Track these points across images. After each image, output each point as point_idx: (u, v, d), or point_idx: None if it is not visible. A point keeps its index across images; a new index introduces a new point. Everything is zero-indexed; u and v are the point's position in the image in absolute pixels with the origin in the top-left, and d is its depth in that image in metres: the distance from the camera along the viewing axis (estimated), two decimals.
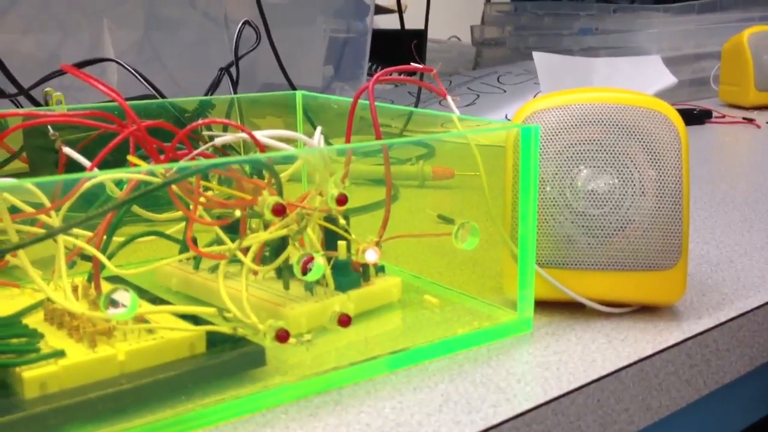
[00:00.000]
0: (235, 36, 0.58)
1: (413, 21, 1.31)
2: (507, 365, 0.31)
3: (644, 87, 0.88)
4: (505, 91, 0.92)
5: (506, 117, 0.84)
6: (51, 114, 0.37)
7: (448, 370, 0.31)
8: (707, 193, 0.59)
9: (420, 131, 0.44)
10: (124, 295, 0.24)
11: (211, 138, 0.30)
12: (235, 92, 0.59)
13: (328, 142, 0.36)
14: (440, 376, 0.30)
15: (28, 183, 0.24)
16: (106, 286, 0.29)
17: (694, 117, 0.87)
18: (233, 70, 0.60)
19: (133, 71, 0.53)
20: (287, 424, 0.27)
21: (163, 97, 0.55)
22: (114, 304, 0.25)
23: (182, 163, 0.30)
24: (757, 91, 0.94)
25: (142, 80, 0.53)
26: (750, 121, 0.86)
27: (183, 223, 0.33)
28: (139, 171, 0.27)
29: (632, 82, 0.87)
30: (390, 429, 0.27)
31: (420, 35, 1.29)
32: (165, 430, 0.26)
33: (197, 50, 0.69)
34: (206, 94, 0.60)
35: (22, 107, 0.52)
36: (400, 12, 1.40)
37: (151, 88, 0.54)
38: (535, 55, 0.75)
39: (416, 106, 0.84)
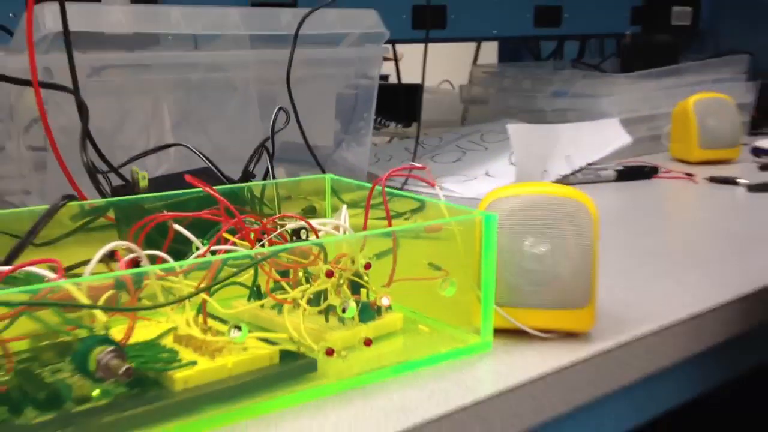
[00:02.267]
0: (272, 119, 0.75)
1: (407, 71, 1.48)
2: (473, 371, 0.48)
3: (603, 147, 1.05)
4: (486, 149, 1.09)
5: (486, 173, 1.01)
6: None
7: (433, 375, 0.47)
8: (642, 244, 0.76)
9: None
10: (240, 327, 0.41)
11: (283, 225, 0.47)
12: (272, 162, 0.75)
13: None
14: (428, 378, 0.47)
15: (188, 263, 0.40)
16: (211, 321, 0.46)
17: (643, 173, 1.04)
18: (269, 144, 0.77)
19: (197, 152, 0.70)
20: (331, 408, 0.43)
21: (217, 169, 0.71)
22: (233, 330, 0.41)
23: (273, 248, 0.46)
24: (700, 149, 1.11)
25: (203, 158, 0.70)
26: (690, 176, 1.03)
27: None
28: (242, 254, 0.44)
29: (592, 143, 1.04)
30: (395, 409, 0.43)
31: (416, 89, 1.46)
32: (255, 410, 0.43)
33: (236, 126, 0.86)
34: (248, 164, 0.77)
35: (111, 183, 0.68)
36: (397, 66, 1.58)
37: (209, 164, 0.71)
38: (509, 127, 0.91)
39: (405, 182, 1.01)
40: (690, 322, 0.56)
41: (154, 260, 0.48)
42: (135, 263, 0.45)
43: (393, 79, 1.55)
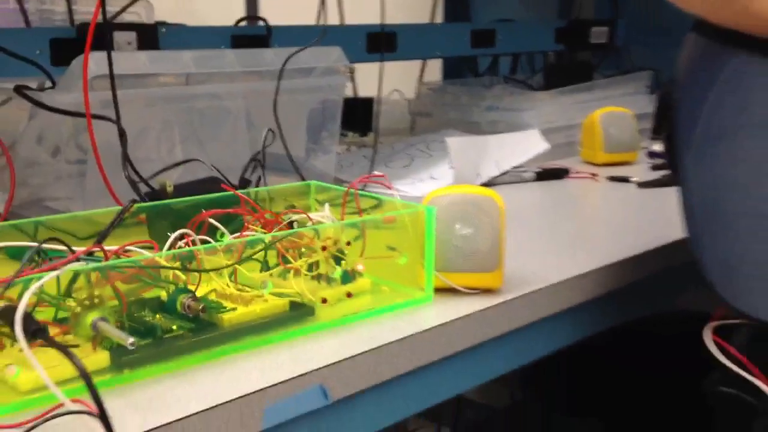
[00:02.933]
0: (263, 138, 0.97)
1: (360, 80, 1.69)
2: (420, 314, 0.70)
3: (525, 153, 1.29)
4: (431, 156, 1.32)
5: (431, 176, 1.24)
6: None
7: (392, 317, 0.70)
8: (549, 229, 0.99)
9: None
10: (268, 283, 0.63)
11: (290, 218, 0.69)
12: (264, 172, 0.97)
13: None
14: (389, 319, 0.69)
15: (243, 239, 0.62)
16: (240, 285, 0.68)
17: (557, 174, 1.28)
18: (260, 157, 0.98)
19: (209, 166, 0.91)
20: (324, 339, 0.66)
21: (223, 177, 0.93)
22: (263, 286, 0.63)
23: (285, 232, 0.69)
24: (605, 153, 1.35)
25: (214, 169, 0.92)
26: (594, 176, 1.28)
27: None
28: (263, 237, 0.66)
29: (517, 150, 1.27)
30: (367, 338, 0.65)
31: (370, 102, 1.68)
32: (275, 340, 0.65)
33: (228, 142, 1.08)
34: (244, 173, 0.98)
35: (141, 192, 0.89)
36: (354, 82, 1.80)
37: (217, 172, 0.92)
38: (447, 140, 1.15)
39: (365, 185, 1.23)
40: (568, 282, 0.80)
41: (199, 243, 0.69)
42: (193, 244, 0.66)
43: (349, 93, 1.77)
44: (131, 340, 0.53)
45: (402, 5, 1.68)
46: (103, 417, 0.45)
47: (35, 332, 0.49)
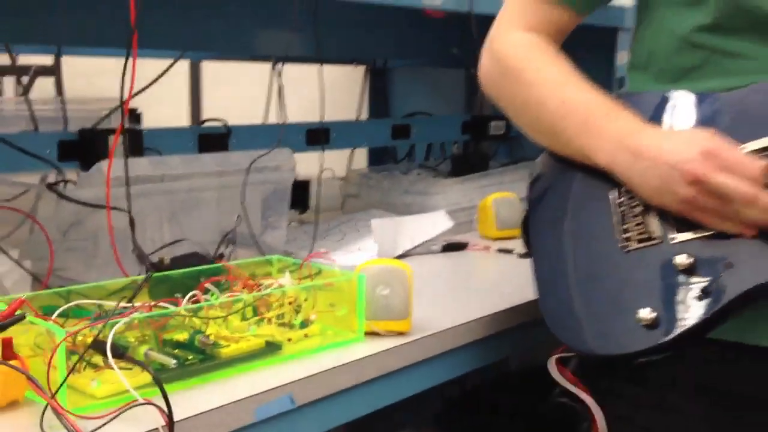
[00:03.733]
0: (236, 222, 1.28)
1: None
2: (354, 349, 1.02)
3: (433, 230, 1.63)
4: (359, 231, 1.65)
5: (359, 249, 1.56)
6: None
7: (335, 351, 1.01)
8: (450, 288, 1.33)
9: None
10: (252, 328, 0.94)
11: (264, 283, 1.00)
12: (234, 248, 1.28)
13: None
14: (332, 352, 1.01)
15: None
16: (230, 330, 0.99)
17: (459, 246, 1.62)
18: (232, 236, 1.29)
19: (195, 244, 1.22)
20: (289, 366, 0.97)
21: (203, 251, 1.24)
22: (247, 330, 0.94)
23: (260, 293, 1.00)
24: (497, 230, 1.71)
25: (197, 246, 1.22)
26: (487, 248, 1.62)
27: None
28: (245, 296, 0.98)
29: (427, 228, 1.61)
30: (317, 367, 0.97)
31: (308, 184, 2.00)
32: (256, 366, 0.95)
33: (202, 223, 1.39)
34: (218, 249, 1.29)
35: (148, 264, 1.19)
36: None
37: (198, 247, 1.23)
38: (372, 222, 1.48)
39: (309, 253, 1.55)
40: (460, 326, 1.13)
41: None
42: (197, 301, 0.97)
43: None
44: (174, 362, 0.83)
45: (334, 104, 2.02)
46: (167, 405, 0.76)
47: (120, 355, 0.79)
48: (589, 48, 1.26)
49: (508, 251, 1.59)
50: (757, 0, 0.92)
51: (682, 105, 0.99)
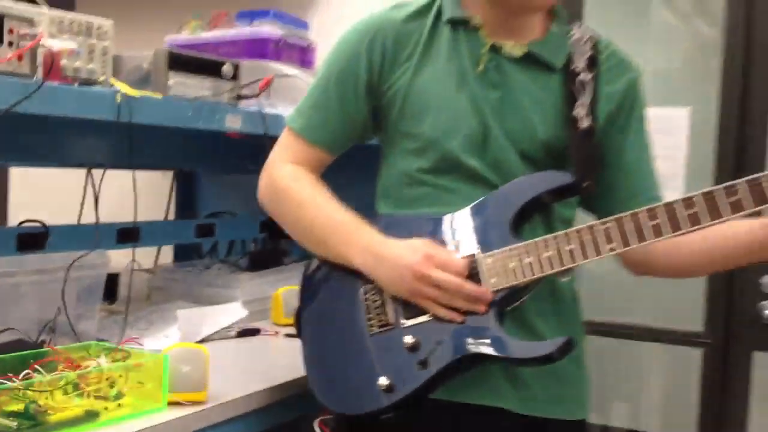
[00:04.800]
0: (55, 313, 1.50)
1: None
2: (161, 414, 1.27)
3: (231, 317, 1.90)
4: (165, 320, 1.89)
5: (165, 335, 1.80)
6: None
7: (146, 416, 1.26)
8: (242, 366, 1.60)
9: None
10: (74, 398, 1.18)
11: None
12: (54, 335, 1.50)
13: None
14: (144, 418, 1.26)
15: None
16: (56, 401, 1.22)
17: (252, 332, 1.90)
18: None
19: (24, 335, 1.43)
20: (107, 428, 1.21)
21: (27, 338, 1.45)
22: (74, 398, 1.18)
23: (82, 371, 1.24)
24: (285, 317, 2.00)
25: (23, 334, 1.43)
26: (276, 333, 1.92)
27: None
28: (70, 373, 1.21)
29: (224, 317, 1.88)
30: (129, 429, 1.21)
31: (117, 276, 2.22)
32: (81, 429, 1.19)
33: (27, 314, 1.59)
34: (38, 337, 1.50)
35: None
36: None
37: (22, 335, 1.44)
38: (178, 311, 1.73)
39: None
40: (246, 396, 1.40)
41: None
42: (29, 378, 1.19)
43: None
44: (14, 424, 1.06)
45: (145, 204, 2.26)
46: None
47: None
48: (359, 166, 1.60)
49: (294, 336, 1.89)
50: (457, 154, 1.30)
51: (412, 223, 1.34)
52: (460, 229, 1.30)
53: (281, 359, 1.76)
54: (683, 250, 1.30)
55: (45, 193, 2.64)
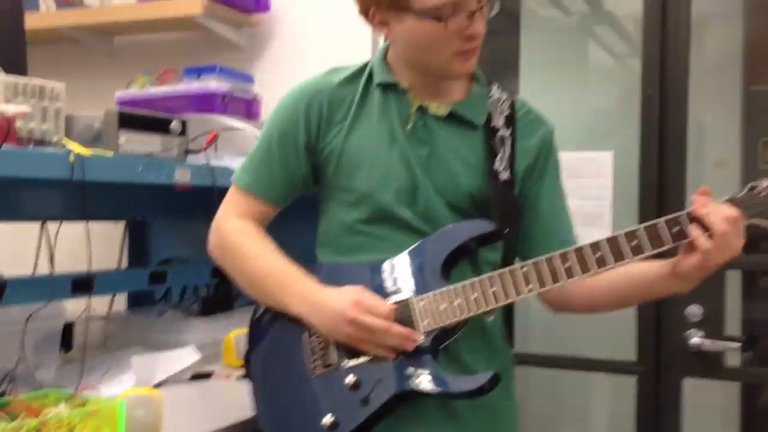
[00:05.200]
0: (15, 364, 1.57)
1: None
2: None
3: (184, 361, 1.98)
4: (120, 366, 1.97)
5: (119, 381, 1.88)
6: None
7: None
8: (196, 407, 1.68)
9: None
10: None
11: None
12: (15, 384, 1.57)
13: None
14: None
15: None
16: None
17: (206, 375, 1.98)
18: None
19: None
20: None
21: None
22: None
23: (42, 418, 1.32)
24: (237, 360, 2.08)
25: None
26: (228, 376, 2.00)
27: None
28: (33, 421, 1.29)
29: (178, 361, 1.96)
30: None
31: (72, 325, 2.28)
32: None
33: None
34: (5, 381, 1.57)
35: None
36: None
37: None
38: (132, 357, 1.81)
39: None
40: None
41: None
42: None
43: None
44: None
45: (98, 254, 2.34)
46: None
47: None
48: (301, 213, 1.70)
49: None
50: (389, 205, 1.41)
51: (351, 270, 1.45)
52: (396, 274, 1.41)
53: (234, 400, 1.84)
54: (597, 288, 1.43)
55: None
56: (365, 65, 1.50)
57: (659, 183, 2.31)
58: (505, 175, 1.42)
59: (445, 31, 1.34)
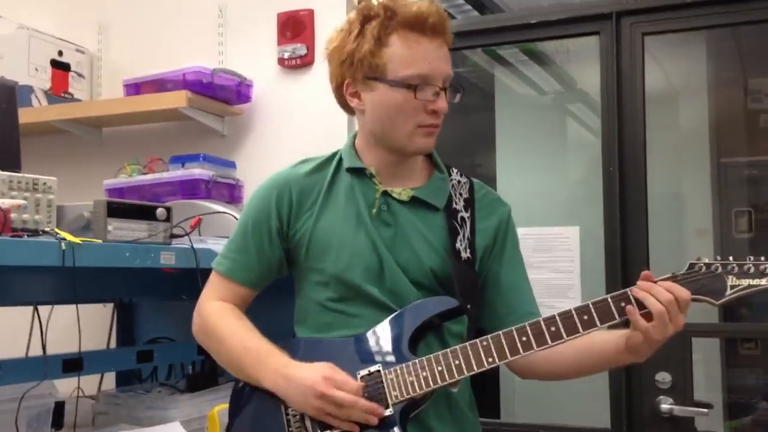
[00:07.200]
0: None
1: None
2: None
3: None
4: None
5: None
6: None
7: None
8: None
9: None
10: None
11: None
12: None
13: None
14: None
15: None
16: None
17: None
18: None
19: None
20: None
21: None
22: None
23: None
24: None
25: None
26: None
27: None
28: None
29: None
30: None
31: (63, 404, 2.34)
32: None
33: None
34: None
35: None
36: None
37: None
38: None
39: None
40: None
41: None
42: None
43: None
44: None
45: (88, 335, 2.41)
46: None
47: None
48: (276, 294, 1.81)
49: None
50: (358, 284, 1.52)
51: (326, 345, 1.55)
52: (367, 348, 1.51)
53: None
54: (558, 357, 1.53)
55: None
56: (334, 153, 1.63)
57: (623, 255, 2.42)
58: (465, 254, 1.53)
59: (413, 100, 1.48)
